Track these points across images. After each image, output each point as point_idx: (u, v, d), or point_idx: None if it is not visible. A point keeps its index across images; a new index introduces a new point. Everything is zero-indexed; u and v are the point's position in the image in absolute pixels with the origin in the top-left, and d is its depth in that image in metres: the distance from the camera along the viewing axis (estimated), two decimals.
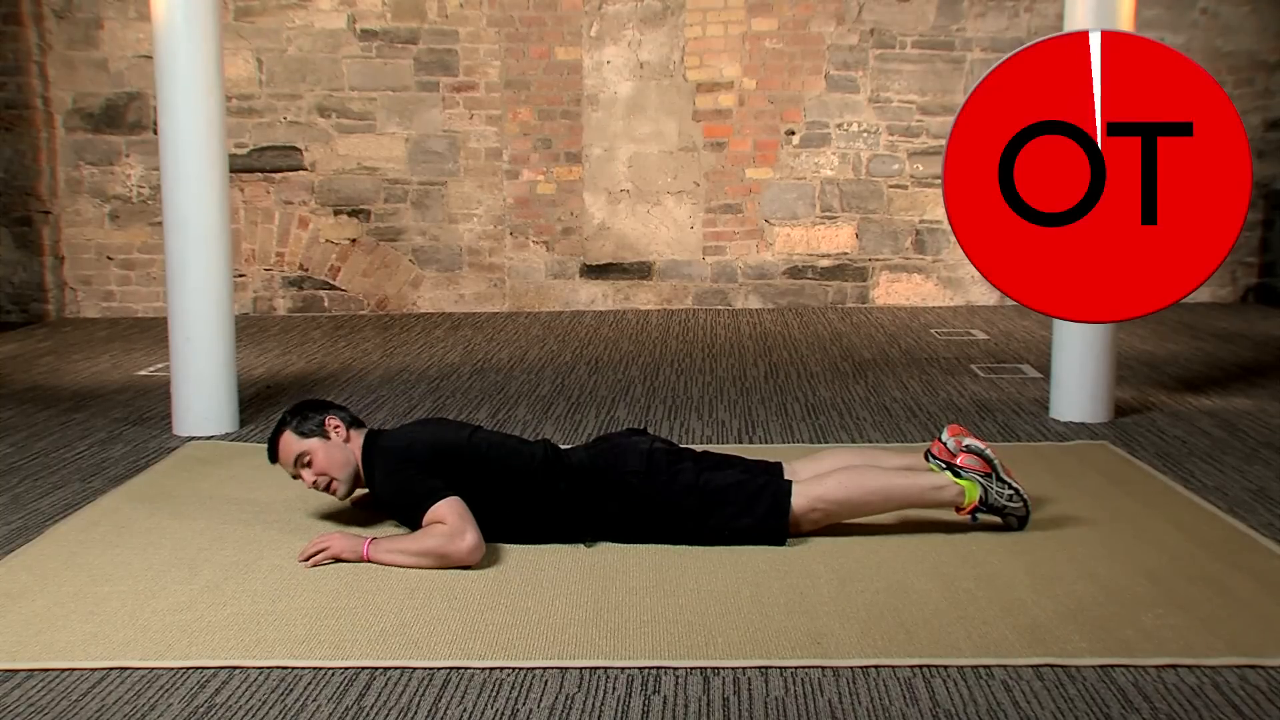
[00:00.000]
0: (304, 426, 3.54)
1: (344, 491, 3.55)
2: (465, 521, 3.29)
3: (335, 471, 3.51)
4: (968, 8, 7.94)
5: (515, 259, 8.09)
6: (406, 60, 7.92)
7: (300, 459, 3.51)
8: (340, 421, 3.57)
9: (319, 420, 3.55)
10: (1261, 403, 5.24)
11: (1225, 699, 2.56)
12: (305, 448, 3.51)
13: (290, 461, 3.53)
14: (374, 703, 2.58)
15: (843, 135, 8.03)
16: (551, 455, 3.54)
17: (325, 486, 3.53)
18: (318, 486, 3.53)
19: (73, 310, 8.04)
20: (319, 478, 3.51)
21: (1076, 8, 4.80)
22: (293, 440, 3.53)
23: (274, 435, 3.58)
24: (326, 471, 3.51)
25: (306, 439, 3.52)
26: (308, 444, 3.51)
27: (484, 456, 3.49)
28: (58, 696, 2.61)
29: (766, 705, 2.54)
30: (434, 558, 3.28)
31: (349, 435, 3.56)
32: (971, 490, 3.48)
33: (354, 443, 3.56)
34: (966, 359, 6.29)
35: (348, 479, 3.54)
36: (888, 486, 3.48)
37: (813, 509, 3.44)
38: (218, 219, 4.79)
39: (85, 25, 7.82)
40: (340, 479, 3.52)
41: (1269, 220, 8.09)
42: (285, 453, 3.54)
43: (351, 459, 3.53)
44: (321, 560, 3.33)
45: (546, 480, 3.47)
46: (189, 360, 4.83)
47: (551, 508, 3.46)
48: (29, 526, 3.74)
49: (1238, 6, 7.97)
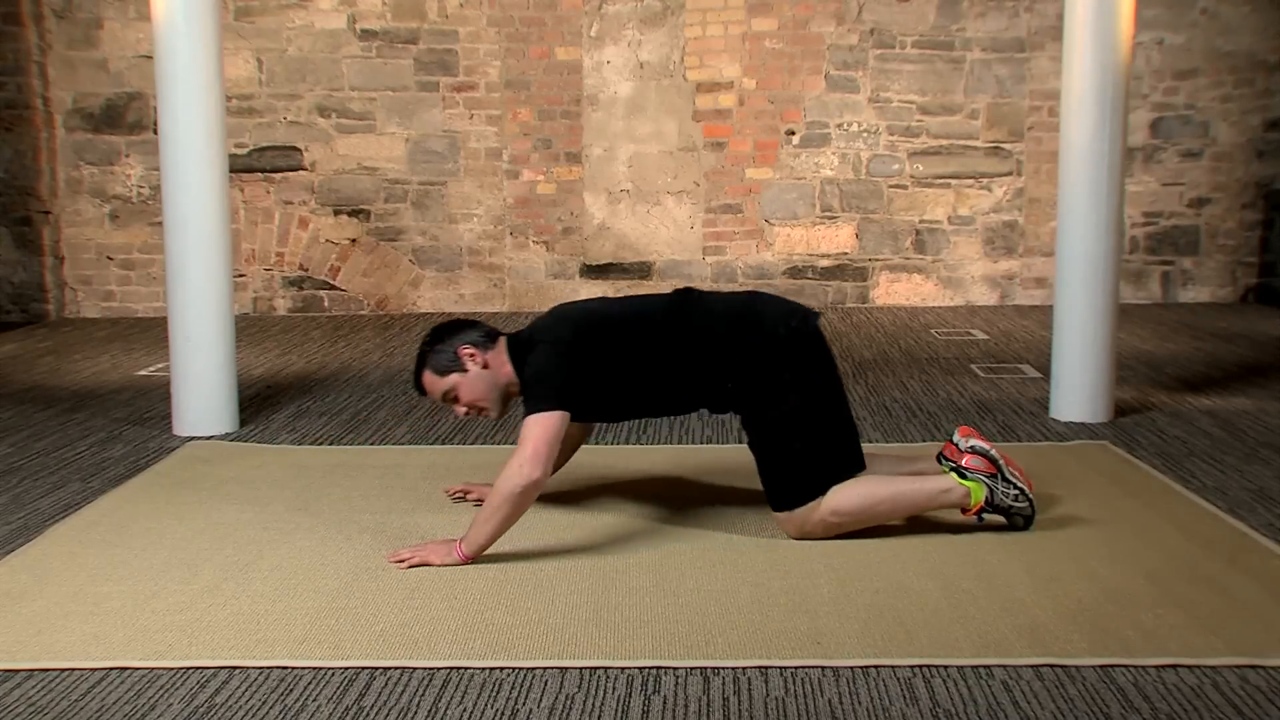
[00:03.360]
0: (441, 362, 3.52)
1: (495, 414, 3.56)
2: (542, 446, 3.26)
3: (482, 401, 3.52)
4: (968, 8, 7.94)
5: (515, 259, 8.09)
6: (406, 60, 7.92)
7: (447, 395, 3.53)
8: (474, 348, 3.53)
9: (453, 352, 3.52)
10: (1261, 403, 5.24)
11: (1225, 699, 2.56)
12: (447, 385, 3.51)
13: (438, 397, 3.55)
14: (374, 703, 2.58)
15: (843, 135, 8.03)
16: (681, 301, 3.55)
17: (477, 414, 3.55)
18: (469, 416, 3.56)
19: (73, 310, 8.04)
20: (469, 409, 3.54)
21: (1076, 8, 4.80)
22: (435, 379, 3.53)
23: (417, 372, 3.57)
24: (473, 403, 3.53)
25: (445, 376, 3.51)
26: (449, 380, 3.51)
27: (617, 316, 3.52)
28: (58, 696, 2.61)
29: (766, 705, 2.54)
30: (513, 500, 3.26)
31: (486, 358, 3.53)
32: (977, 491, 3.48)
33: (495, 359, 3.54)
34: (966, 359, 6.28)
35: (495, 403, 3.54)
36: (896, 494, 3.48)
37: (824, 521, 3.44)
38: (218, 219, 4.79)
39: (85, 25, 7.82)
40: (488, 405, 3.53)
41: (1269, 220, 8.09)
42: (431, 391, 3.55)
43: (495, 380, 3.52)
44: (413, 564, 3.32)
45: (671, 328, 3.48)
46: (189, 360, 4.83)
47: (677, 361, 3.46)
48: (29, 526, 3.74)
49: (1238, 6, 7.97)
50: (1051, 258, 7.11)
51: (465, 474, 4.23)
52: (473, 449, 4.65)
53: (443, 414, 5.21)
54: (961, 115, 8.01)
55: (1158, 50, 7.98)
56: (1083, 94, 4.81)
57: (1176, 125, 8.06)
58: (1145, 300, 8.14)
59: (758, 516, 3.70)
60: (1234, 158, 8.07)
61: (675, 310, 3.55)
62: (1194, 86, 8.02)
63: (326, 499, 3.97)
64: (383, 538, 3.57)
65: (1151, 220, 8.13)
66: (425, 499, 3.96)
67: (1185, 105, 8.03)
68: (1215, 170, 8.08)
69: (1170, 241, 8.15)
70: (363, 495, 4.01)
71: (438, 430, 4.95)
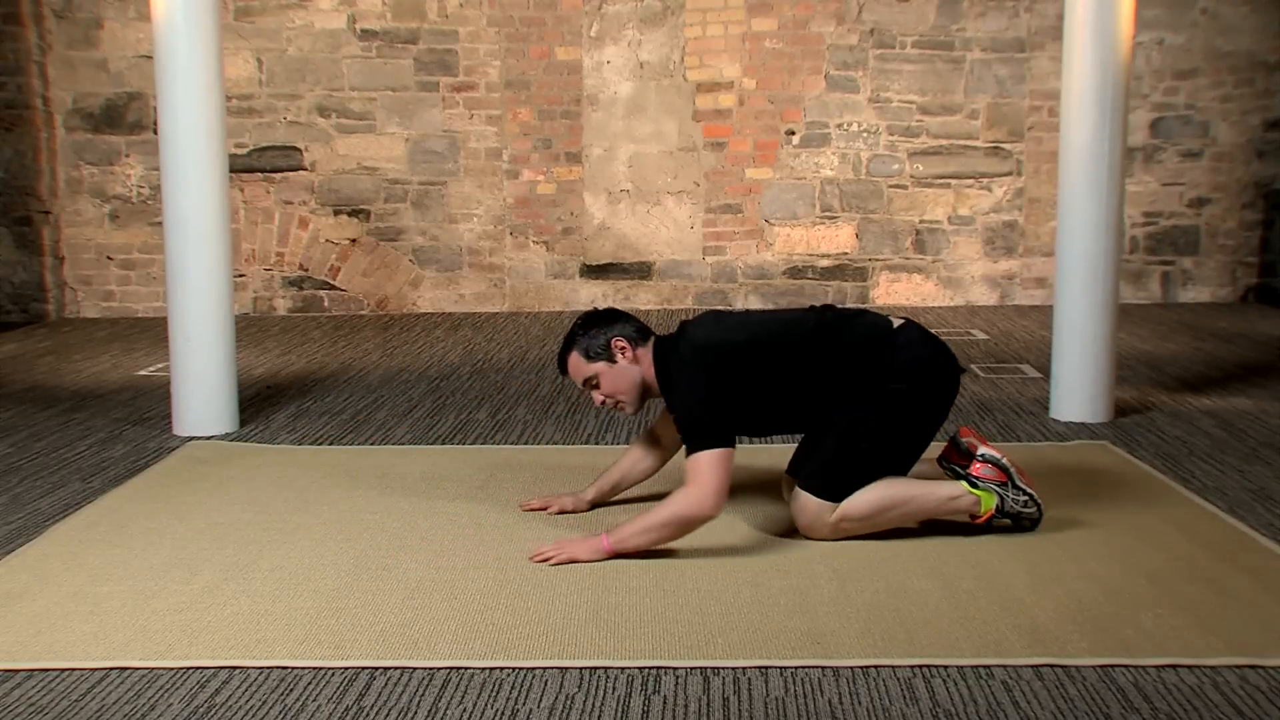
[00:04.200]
0: (592, 348, 3.51)
1: (632, 410, 3.55)
2: (718, 481, 3.26)
3: (622, 394, 3.52)
4: (968, 8, 7.94)
5: (515, 259, 8.09)
6: (406, 60, 7.92)
7: (589, 381, 3.52)
8: (627, 341, 3.52)
9: (605, 341, 3.51)
10: (1261, 403, 5.24)
11: (1225, 699, 2.56)
12: (593, 371, 3.50)
13: (579, 380, 3.55)
14: (374, 703, 2.58)
15: (843, 135, 8.03)
16: (828, 320, 3.53)
17: (614, 406, 3.54)
18: (605, 405, 3.55)
19: (73, 310, 8.04)
20: (606, 400, 3.53)
21: (1076, 8, 4.80)
22: (581, 363, 3.52)
23: (564, 351, 3.55)
24: (613, 394, 3.52)
25: (593, 362, 3.50)
26: (595, 367, 3.50)
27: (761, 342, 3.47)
28: (58, 696, 2.61)
29: (766, 705, 2.54)
30: (679, 525, 3.30)
31: (636, 354, 3.52)
32: (988, 500, 3.49)
33: (644, 357, 3.53)
34: (966, 359, 6.28)
35: (634, 399, 3.53)
36: (907, 500, 3.47)
37: (835, 525, 3.44)
38: (218, 219, 4.79)
39: (85, 25, 7.82)
40: (627, 400, 3.53)
41: (1269, 220, 8.09)
42: (574, 373, 3.54)
43: (638, 378, 3.51)
44: (560, 560, 3.32)
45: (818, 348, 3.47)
46: (189, 360, 4.83)
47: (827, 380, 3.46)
48: (29, 526, 3.74)
49: (1238, 6, 7.96)
50: (1051, 258, 7.11)
51: (466, 475, 4.23)
52: (473, 449, 4.65)
53: (443, 414, 5.21)
54: (961, 115, 8.01)
55: (1158, 50, 7.98)
56: (1083, 94, 4.81)
57: (1176, 125, 8.06)
58: (1145, 300, 8.14)
59: (758, 516, 3.70)
60: (1234, 158, 8.07)
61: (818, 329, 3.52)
62: (1194, 86, 8.02)
63: (326, 499, 3.97)
64: (383, 538, 3.57)
65: (1151, 220, 8.13)
66: (425, 499, 3.96)
67: (1185, 105, 8.03)
68: (1215, 170, 8.08)
69: (1170, 241, 8.15)
70: (363, 495, 4.01)
71: (438, 430, 4.95)
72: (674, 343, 3.50)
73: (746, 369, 3.41)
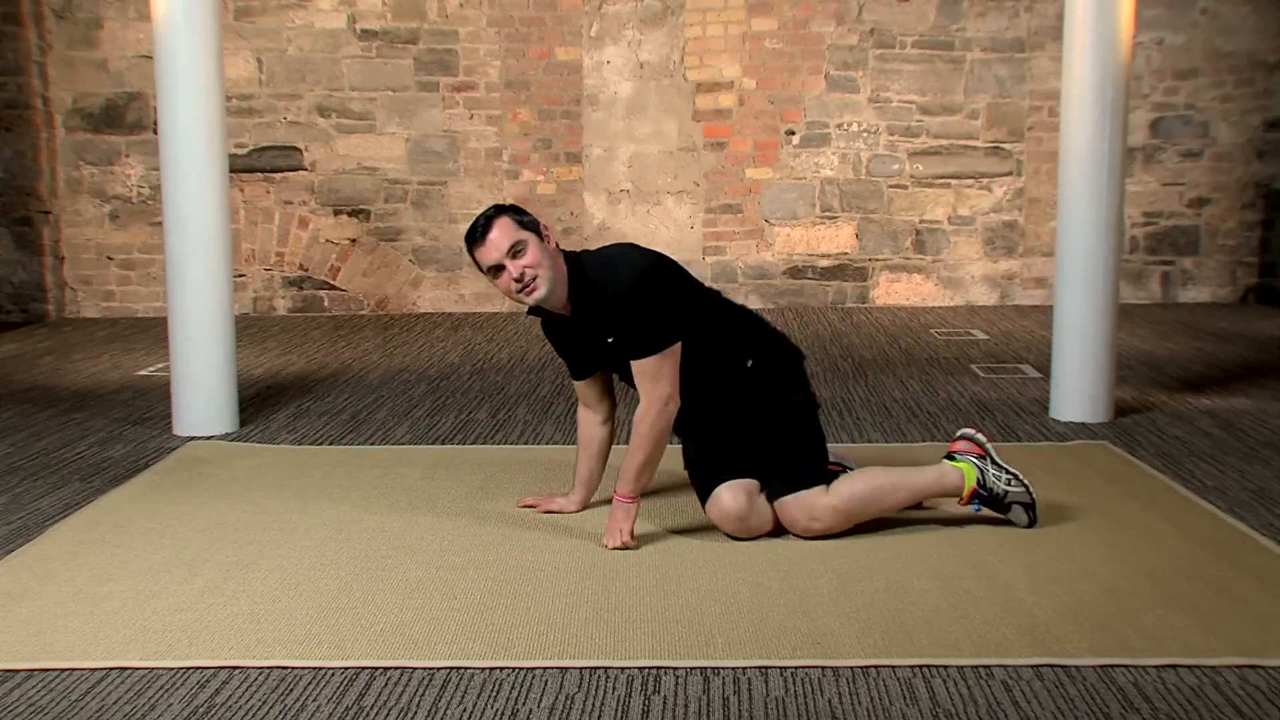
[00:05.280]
0: (523, 219, 3.44)
1: (542, 294, 3.39)
2: (671, 374, 3.39)
3: (543, 270, 3.36)
4: (968, 8, 7.94)
5: None
6: (406, 60, 7.92)
7: (514, 247, 3.37)
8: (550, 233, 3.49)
9: (534, 220, 3.46)
10: (1261, 403, 5.24)
11: (1225, 699, 2.56)
12: (522, 237, 3.37)
13: (503, 247, 3.34)
14: (374, 703, 2.58)
15: (843, 135, 8.03)
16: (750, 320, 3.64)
17: (528, 282, 3.38)
18: (521, 281, 3.37)
19: (73, 310, 8.04)
20: (527, 270, 3.36)
21: (1076, 8, 4.80)
22: (511, 226, 3.37)
23: (488, 219, 3.39)
24: (535, 266, 3.35)
25: (524, 230, 3.40)
26: (525, 235, 3.39)
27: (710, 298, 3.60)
28: (58, 696, 2.61)
29: (766, 705, 2.54)
30: (661, 433, 3.44)
31: (557, 246, 3.49)
32: (969, 472, 3.53)
33: (558, 256, 3.47)
34: (966, 359, 6.28)
35: (550, 283, 3.37)
36: (899, 483, 3.53)
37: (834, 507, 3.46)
38: (218, 219, 4.79)
39: (85, 25, 7.82)
40: (543, 279, 3.37)
41: (1269, 220, 8.09)
42: (500, 236, 3.35)
43: (561, 268, 3.43)
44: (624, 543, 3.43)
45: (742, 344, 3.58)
46: (189, 360, 4.83)
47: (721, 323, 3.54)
48: (29, 526, 3.74)
49: (1238, 6, 7.97)
50: (1051, 258, 7.11)
51: (465, 473, 4.24)
52: (473, 449, 4.65)
53: (443, 414, 5.21)
54: (961, 115, 8.01)
55: (1158, 50, 7.98)
56: (1083, 94, 4.80)
57: (1176, 125, 8.06)
58: (1145, 300, 8.14)
59: None
60: (1234, 158, 8.07)
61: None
62: (1194, 86, 8.02)
63: (326, 499, 3.97)
64: (383, 538, 3.57)
65: (1151, 220, 8.13)
66: (425, 499, 3.96)
67: (1185, 105, 8.03)
68: (1215, 170, 8.08)
69: (1170, 241, 8.15)
70: (363, 495, 4.01)
71: (438, 430, 4.95)
72: (579, 256, 3.49)
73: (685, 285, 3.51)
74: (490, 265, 3.41)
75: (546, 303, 3.43)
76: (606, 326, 3.42)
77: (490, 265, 3.41)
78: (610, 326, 3.41)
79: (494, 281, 3.46)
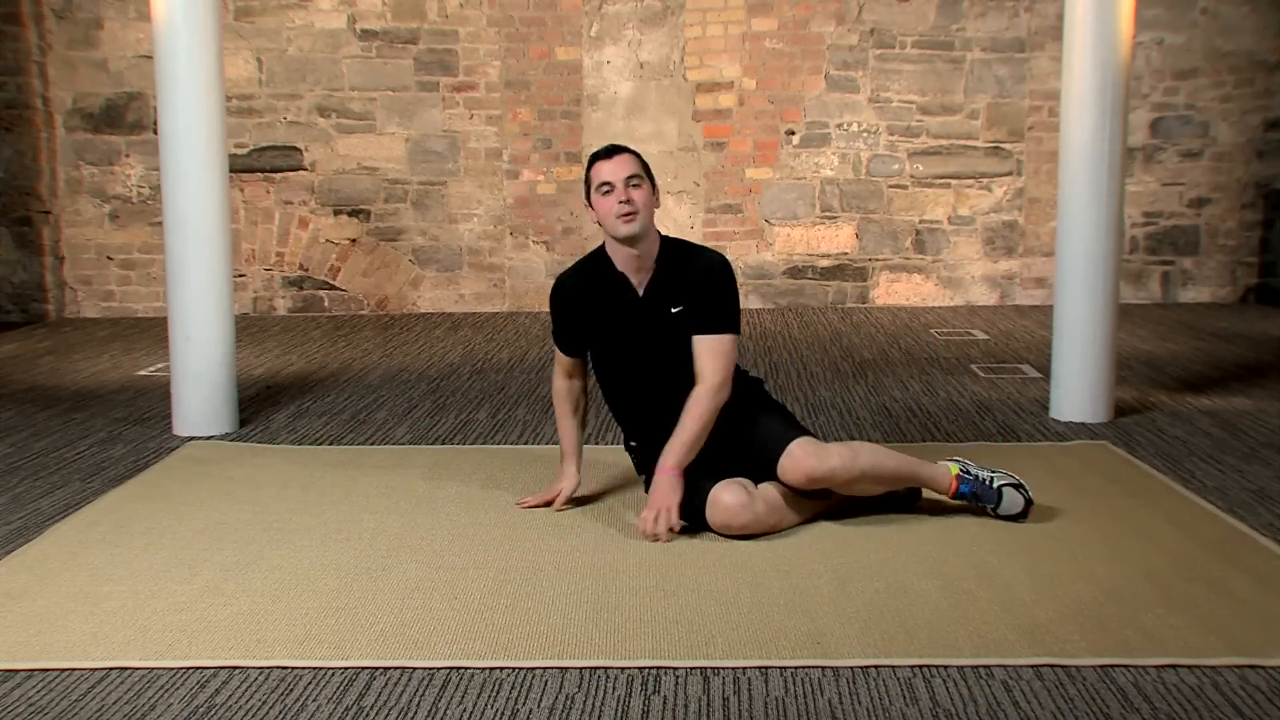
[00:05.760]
0: (648, 169, 3.68)
1: (636, 228, 3.57)
2: (732, 366, 3.63)
3: (645, 211, 3.59)
4: (968, 8, 7.94)
5: (515, 259, 8.09)
6: (406, 60, 7.92)
7: (633, 178, 3.58)
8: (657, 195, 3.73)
9: (654, 178, 3.70)
10: (1261, 403, 5.24)
11: (1225, 699, 2.56)
12: (643, 175, 3.63)
13: (623, 173, 3.58)
14: (374, 703, 2.58)
15: (843, 135, 8.03)
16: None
17: (631, 210, 3.56)
18: (627, 204, 3.55)
19: (73, 310, 8.04)
20: (635, 199, 3.56)
21: (1076, 8, 4.80)
22: (638, 163, 3.63)
23: (623, 146, 3.69)
24: (643, 205, 3.58)
25: (647, 176, 3.64)
26: (645, 177, 3.63)
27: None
28: (58, 696, 2.61)
29: (766, 705, 2.54)
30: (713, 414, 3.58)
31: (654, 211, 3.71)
32: (952, 467, 3.66)
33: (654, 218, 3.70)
34: (966, 359, 6.28)
35: (644, 225, 3.59)
36: (899, 457, 3.65)
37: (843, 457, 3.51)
38: (218, 219, 4.79)
39: (85, 25, 7.82)
40: (641, 218, 3.57)
41: (1269, 220, 8.09)
42: (628, 161, 3.62)
43: (654, 225, 3.68)
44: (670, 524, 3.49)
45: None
46: (189, 360, 4.83)
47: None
48: (29, 526, 3.74)
49: (1238, 6, 7.97)
50: (1051, 258, 7.11)
51: (465, 473, 4.24)
52: (473, 449, 4.65)
53: (443, 414, 5.21)
54: (961, 115, 8.01)
55: (1158, 50, 7.98)
56: (1083, 94, 4.80)
57: (1176, 125, 8.06)
58: (1145, 300, 8.14)
59: None
60: (1234, 158, 8.07)
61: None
62: (1194, 86, 8.02)
63: (327, 499, 3.97)
64: (383, 538, 3.58)
65: (1151, 220, 8.13)
66: (425, 499, 3.96)
67: (1185, 105, 8.04)
68: (1215, 170, 8.08)
69: (1170, 241, 8.15)
70: (363, 495, 4.01)
71: (438, 430, 4.95)
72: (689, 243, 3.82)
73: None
74: (603, 181, 3.61)
75: (633, 242, 3.60)
76: (681, 294, 3.63)
77: (603, 181, 3.61)
78: (686, 295, 3.63)
79: (595, 202, 3.63)
